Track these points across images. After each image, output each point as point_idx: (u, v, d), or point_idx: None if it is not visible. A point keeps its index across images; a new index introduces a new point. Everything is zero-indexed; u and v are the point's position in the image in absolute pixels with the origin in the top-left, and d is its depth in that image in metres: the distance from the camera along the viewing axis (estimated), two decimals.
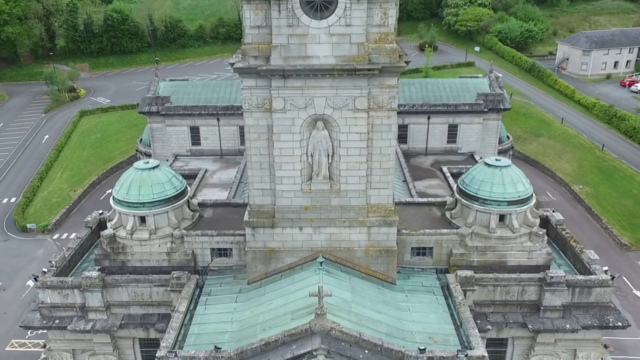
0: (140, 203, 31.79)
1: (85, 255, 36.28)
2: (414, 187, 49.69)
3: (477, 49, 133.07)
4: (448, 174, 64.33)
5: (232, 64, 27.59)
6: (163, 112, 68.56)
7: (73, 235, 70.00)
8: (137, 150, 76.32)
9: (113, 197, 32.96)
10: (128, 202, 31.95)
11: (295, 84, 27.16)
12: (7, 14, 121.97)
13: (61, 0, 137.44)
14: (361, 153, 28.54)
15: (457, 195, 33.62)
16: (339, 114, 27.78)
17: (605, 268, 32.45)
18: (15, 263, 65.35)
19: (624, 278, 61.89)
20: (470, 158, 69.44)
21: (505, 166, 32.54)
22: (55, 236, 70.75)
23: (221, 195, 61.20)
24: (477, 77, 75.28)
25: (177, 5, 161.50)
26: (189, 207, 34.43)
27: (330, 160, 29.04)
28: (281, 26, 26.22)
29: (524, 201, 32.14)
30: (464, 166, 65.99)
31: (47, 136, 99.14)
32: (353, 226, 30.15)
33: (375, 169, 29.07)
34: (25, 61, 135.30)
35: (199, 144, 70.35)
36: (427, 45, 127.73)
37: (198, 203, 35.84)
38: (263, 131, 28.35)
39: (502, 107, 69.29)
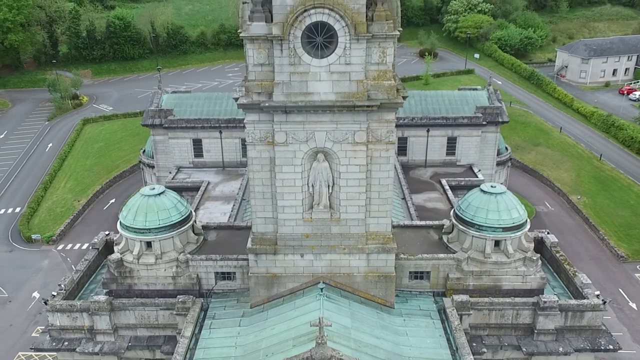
0: (147, 229, 32.83)
1: (93, 276, 37.33)
2: (413, 204, 50.69)
3: (476, 56, 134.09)
4: (447, 187, 65.61)
5: (235, 99, 28.57)
6: (166, 125, 69.72)
7: (78, 246, 71.76)
8: (140, 162, 77.49)
9: (120, 222, 33.98)
10: (135, 228, 32.98)
11: (297, 119, 28.18)
12: (10, 22, 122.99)
13: (64, 7, 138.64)
14: (360, 184, 29.57)
15: (454, 221, 34.62)
16: (339, 147, 28.81)
17: (597, 292, 33.41)
18: (20, 274, 66.47)
19: (620, 290, 62.99)
20: (469, 170, 70.67)
21: (501, 193, 33.55)
22: (60, 247, 71.88)
23: (224, 208, 62.53)
24: (476, 89, 76.36)
25: (179, 10, 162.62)
26: (193, 231, 35.45)
27: (330, 191, 30.07)
28: (283, 64, 27.23)
29: (518, 227, 33.11)
30: (462, 179, 67.58)
31: (50, 144, 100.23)
32: (352, 253, 31.19)
33: (374, 198, 30.10)
34: (28, 67, 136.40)
35: (202, 156, 71.52)
36: (427, 54, 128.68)
37: (202, 226, 36.84)
38: (266, 163, 29.38)
39: (500, 120, 70.44)
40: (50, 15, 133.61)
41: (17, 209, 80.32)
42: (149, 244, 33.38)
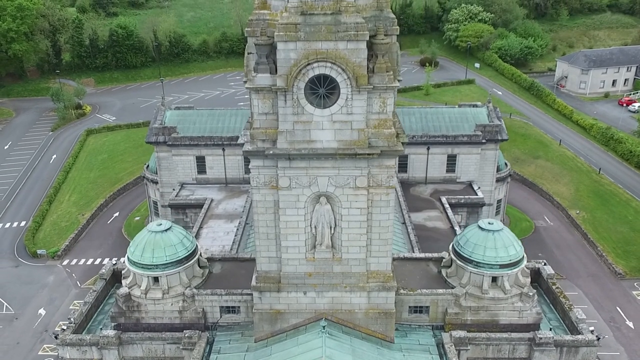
0: (154, 265, 33.82)
1: (101, 307, 38.31)
2: (413, 228, 51.53)
3: (477, 65, 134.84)
4: (447, 205, 66.62)
5: (241, 144, 29.51)
6: (170, 143, 70.75)
7: (82, 262, 72.61)
8: (144, 177, 78.45)
9: (128, 257, 34.96)
10: (142, 264, 33.96)
11: (300, 165, 29.12)
12: (14, 32, 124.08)
13: (67, 16, 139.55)
14: (361, 226, 30.52)
15: (452, 256, 35.55)
16: (341, 191, 29.76)
17: (592, 328, 34.33)
18: (26, 290, 67.45)
19: (618, 308, 63.82)
20: (469, 187, 71.70)
21: (498, 230, 34.46)
22: (65, 262, 72.84)
23: (227, 227, 63.61)
24: (476, 105, 77.23)
25: (181, 17, 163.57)
26: (199, 265, 36.39)
27: (332, 232, 31.02)
28: (287, 114, 28.16)
29: (515, 264, 34.04)
30: (462, 197, 68.57)
31: (54, 156, 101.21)
32: (354, 291, 32.16)
33: (374, 239, 31.05)
34: (32, 76, 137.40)
35: (205, 172, 72.66)
36: (427, 64, 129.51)
37: (207, 258, 37.78)
38: (270, 206, 30.33)
39: (499, 138, 71.39)
40: (54, 25, 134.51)
41: (23, 223, 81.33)
42: (156, 279, 34.36)
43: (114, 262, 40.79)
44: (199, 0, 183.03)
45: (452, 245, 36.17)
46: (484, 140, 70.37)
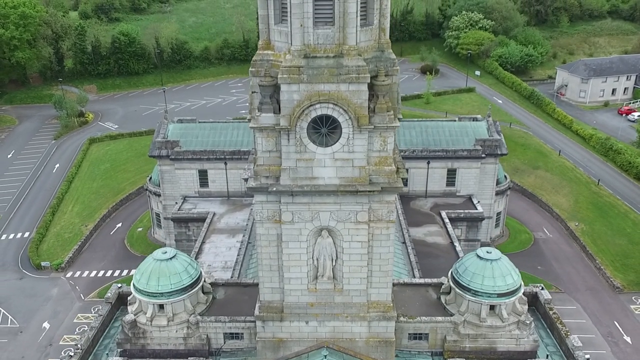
0: (160, 293, 34.58)
1: (107, 331, 39.09)
2: (413, 248, 52.21)
3: (477, 72, 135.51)
4: (447, 220, 67.38)
5: (245, 179, 30.24)
6: (172, 157, 71.52)
7: (86, 274, 73.20)
8: (146, 189, 79.25)
9: (134, 285, 35.72)
10: (148, 292, 34.73)
11: (303, 200, 29.84)
12: (17, 40, 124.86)
13: (69, 23, 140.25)
14: (362, 258, 31.25)
15: (451, 284, 36.27)
16: (342, 226, 30.48)
17: (588, 356, 35.02)
18: (31, 303, 68.20)
19: (616, 323, 64.53)
20: (469, 201, 72.53)
21: (496, 259, 35.16)
22: (69, 274, 73.63)
23: (229, 242, 64.45)
24: (476, 118, 77.96)
25: (182, 23, 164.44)
26: (202, 291, 37.13)
27: (334, 264, 31.75)
28: (290, 152, 28.87)
29: (512, 293, 34.76)
30: (462, 211, 69.33)
31: (57, 165, 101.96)
32: (355, 320, 32.90)
33: (375, 271, 31.78)
34: (34, 83, 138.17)
35: (207, 186, 73.48)
36: (428, 73, 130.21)
37: (210, 283, 38.50)
38: (273, 239, 31.08)
39: (499, 152, 72.22)
40: (56, 32, 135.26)
41: (26, 234, 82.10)
42: (161, 306, 35.12)
43: (119, 286, 41.56)
44: (200, 5, 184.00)
45: (451, 272, 36.88)
46: (483, 155, 71.19)
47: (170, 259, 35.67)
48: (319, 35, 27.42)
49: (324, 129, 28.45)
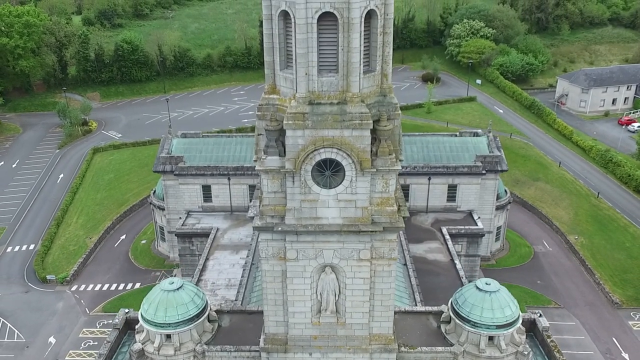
0: (167, 324, 35.45)
1: (114, 357, 39.96)
2: (415, 270, 52.98)
3: (478, 81, 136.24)
4: (447, 237, 68.20)
5: (251, 218, 31.11)
6: (177, 172, 72.43)
7: (91, 287, 73.87)
8: (150, 203, 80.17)
9: (141, 315, 36.58)
10: (155, 323, 35.60)
11: (307, 239, 30.68)
12: (21, 48, 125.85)
13: (72, 31, 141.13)
14: (364, 294, 32.11)
15: (451, 314, 37.12)
16: (345, 263, 31.33)
17: None
18: (37, 317, 69.16)
19: (614, 339, 65.34)
20: (469, 216, 73.39)
21: (495, 291, 35.99)
22: (74, 288, 74.56)
23: (232, 259, 65.38)
24: (476, 133, 78.77)
25: (185, 29, 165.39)
26: (208, 319, 37.99)
27: (337, 298, 32.60)
28: (295, 193, 29.71)
29: (510, 324, 35.60)
30: (462, 227, 70.14)
31: (62, 175, 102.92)
32: (357, 352, 33.74)
33: (377, 306, 32.64)
34: (38, 90, 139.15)
35: (211, 200, 74.40)
36: (429, 82, 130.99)
37: (216, 310, 39.37)
38: (278, 275, 31.95)
39: (499, 168, 73.10)
40: (60, 40, 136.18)
41: (32, 246, 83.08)
42: (168, 336, 35.97)
43: (127, 311, 42.43)
44: (202, 11, 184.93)
45: (451, 302, 37.71)
46: (484, 172, 72.04)
47: (177, 289, 36.52)
48: (323, 82, 28.24)
49: (328, 172, 29.27)
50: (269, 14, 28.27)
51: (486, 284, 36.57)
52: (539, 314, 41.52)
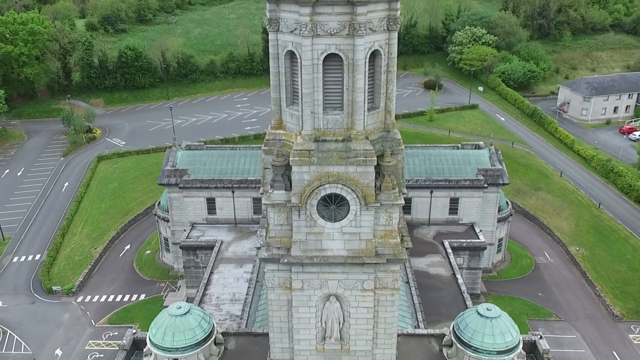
0: (174, 348, 36.26)
1: None
2: (417, 288, 53.67)
3: (480, 88, 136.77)
4: (449, 250, 68.88)
5: (258, 248, 31.83)
6: (181, 185, 73.19)
7: (96, 299, 74.33)
8: (155, 214, 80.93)
9: (149, 338, 37.35)
10: (163, 347, 36.38)
11: (312, 270, 31.41)
12: (26, 56, 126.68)
13: (76, 38, 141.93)
14: (368, 322, 32.83)
15: (453, 338, 37.83)
16: (350, 293, 32.05)
17: None
18: (43, 329, 69.91)
19: (614, 353, 65.85)
20: (471, 229, 74.09)
21: (495, 317, 36.71)
22: (80, 299, 75.29)
23: (236, 273, 66.06)
24: (478, 145, 79.43)
25: (188, 34, 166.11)
26: (215, 342, 38.76)
27: (341, 326, 33.33)
28: (300, 226, 30.42)
29: (511, 350, 36.33)
30: (464, 240, 70.78)
31: (67, 184, 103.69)
32: None
33: (380, 334, 33.36)
34: (42, 96, 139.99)
35: (215, 213, 75.21)
36: (431, 90, 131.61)
37: (222, 333, 40.14)
38: (284, 304, 32.69)
39: (501, 182, 73.72)
40: (65, 47, 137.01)
41: (37, 256, 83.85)
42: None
43: (134, 332, 43.18)
44: (205, 16, 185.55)
45: (453, 326, 38.42)
46: (485, 185, 72.69)
47: (185, 314, 37.30)
48: (329, 120, 28.95)
49: (333, 206, 29.99)
50: (275, 53, 28.97)
51: (487, 309, 37.28)
52: (539, 336, 42.17)
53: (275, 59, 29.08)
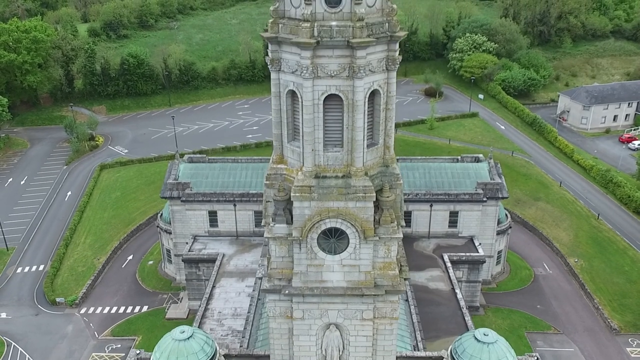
0: None
1: None
2: (416, 306, 54.36)
3: (481, 96, 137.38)
4: (449, 264, 69.61)
5: (260, 278, 32.60)
6: (184, 199, 73.96)
7: (99, 310, 74.62)
8: (157, 227, 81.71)
9: None
10: None
11: (312, 300, 32.18)
12: (29, 64, 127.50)
13: (79, 45, 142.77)
14: (367, 350, 33.60)
15: None
16: (349, 322, 32.83)
17: None
18: (47, 341, 70.59)
19: None
20: (470, 242, 74.79)
21: (492, 343, 37.28)
22: (83, 310, 75.95)
23: (238, 287, 66.81)
24: (477, 158, 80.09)
25: (189, 40, 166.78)
26: None
27: (340, 353, 34.09)
28: (301, 259, 31.20)
29: None
30: (463, 254, 71.51)
31: (69, 193, 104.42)
32: None
33: None
34: (45, 104, 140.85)
35: (217, 226, 75.97)
36: (431, 98, 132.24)
37: (224, 355, 40.80)
38: (284, 332, 33.47)
39: (500, 195, 74.37)
40: (67, 55, 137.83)
41: (41, 267, 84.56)
42: None
43: (138, 352, 43.93)
44: (207, 21, 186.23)
45: (450, 350, 39.03)
46: (485, 199, 73.39)
47: (188, 339, 37.90)
48: (329, 157, 29.69)
49: (333, 240, 30.75)
50: (277, 92, 29.72)
51: (484, 334, 37.82)
52: (535, 358, 42.87)
53: (277, 97, 29.82)
